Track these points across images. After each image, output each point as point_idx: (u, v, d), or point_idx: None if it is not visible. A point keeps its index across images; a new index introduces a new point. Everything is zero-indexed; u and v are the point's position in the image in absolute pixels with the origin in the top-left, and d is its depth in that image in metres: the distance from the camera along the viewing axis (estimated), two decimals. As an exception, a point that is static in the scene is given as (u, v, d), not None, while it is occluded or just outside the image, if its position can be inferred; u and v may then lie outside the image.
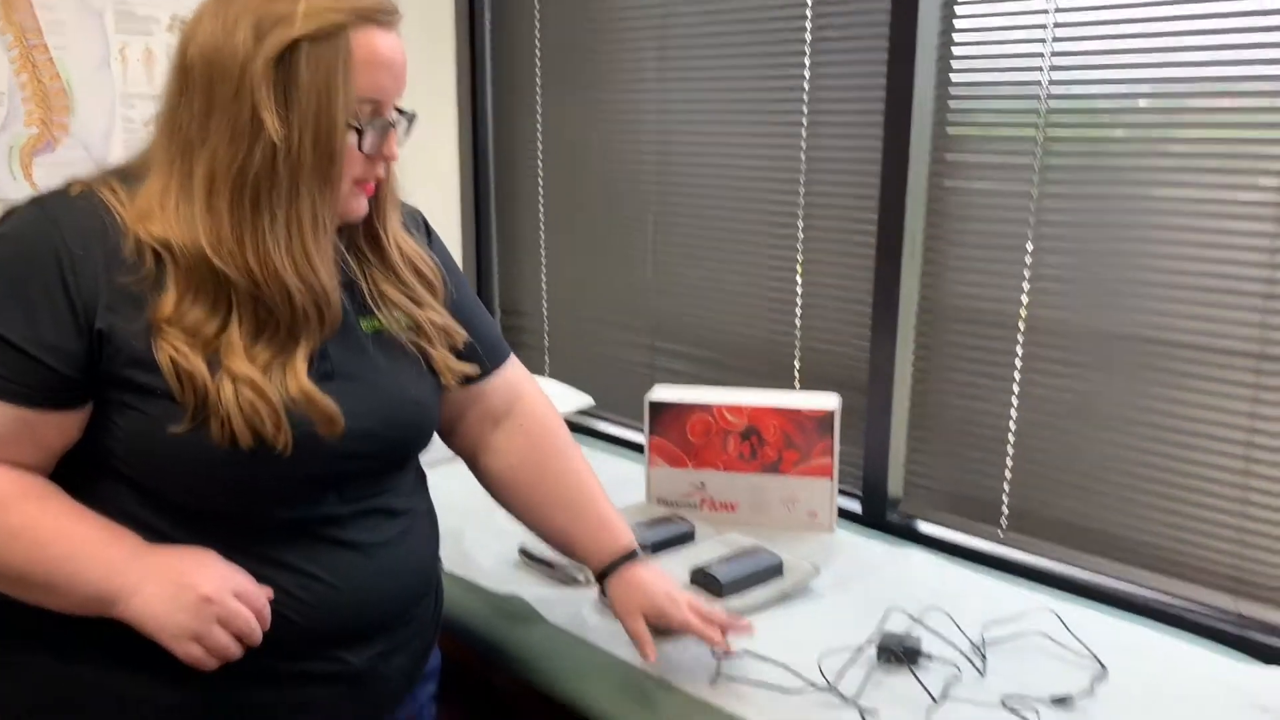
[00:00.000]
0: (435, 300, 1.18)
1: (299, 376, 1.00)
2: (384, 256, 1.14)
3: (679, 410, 1.76)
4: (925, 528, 1.81)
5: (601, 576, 1.30)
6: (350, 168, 1.02)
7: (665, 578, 1.30)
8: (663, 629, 1.27)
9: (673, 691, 1.29)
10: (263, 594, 0.99)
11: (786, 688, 1.26)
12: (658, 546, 1.60)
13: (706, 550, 1.58)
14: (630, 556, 1.29)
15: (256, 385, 0.97)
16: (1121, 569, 1.59)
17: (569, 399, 2.22)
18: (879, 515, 1.85)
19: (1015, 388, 1.68)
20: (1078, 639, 1.37)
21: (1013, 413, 1.69)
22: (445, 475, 1.63)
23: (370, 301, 1.11)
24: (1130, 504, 1.58)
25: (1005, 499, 1.72)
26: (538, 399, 1.35)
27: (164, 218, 0.98)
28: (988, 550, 1.72)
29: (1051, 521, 1.67)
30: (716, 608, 1.34)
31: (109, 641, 1.00)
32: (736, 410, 1.73)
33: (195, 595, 0.95)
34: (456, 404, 1.27)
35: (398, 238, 1.15)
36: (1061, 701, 1.23)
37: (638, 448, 2.23)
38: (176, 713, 1.03)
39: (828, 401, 1.72)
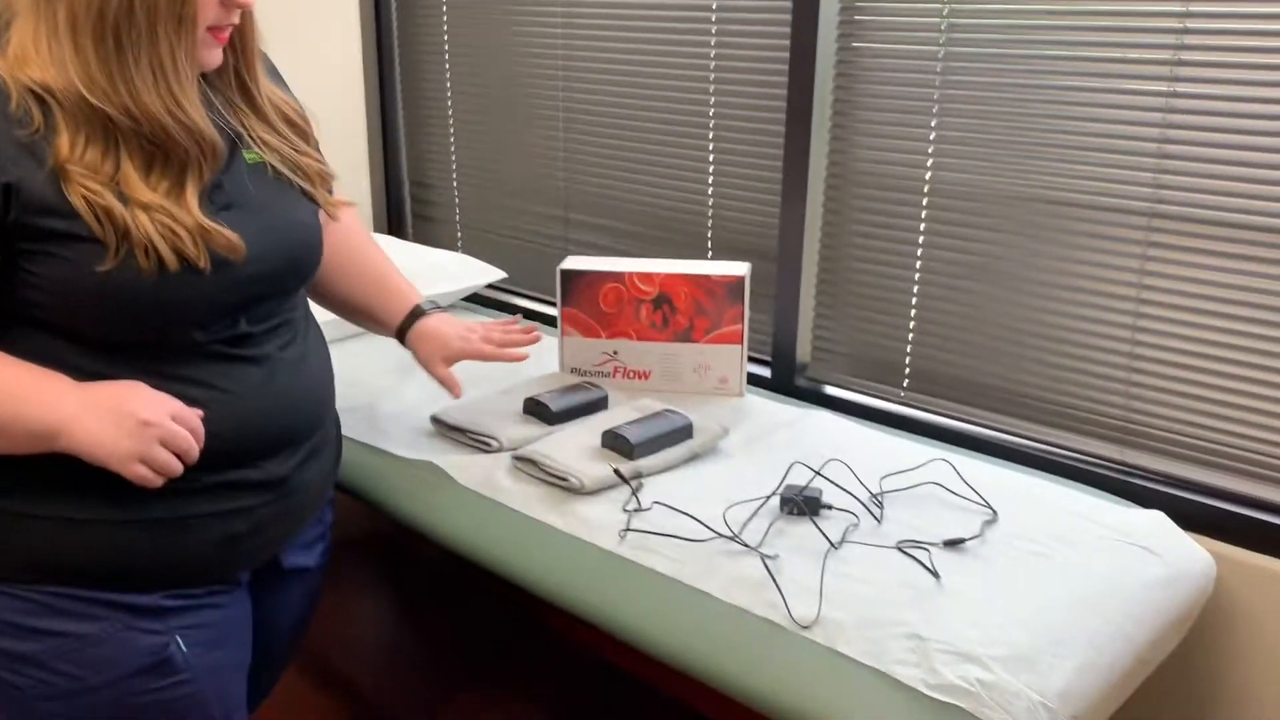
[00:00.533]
0: (309, 146, 1.25)
1: (192, 211, 1.05)
2: (256, 107, 1.18)
3: (591, 279, 1.76)
4: (831, 391, 1.86)
5: (402, 337, 1.49)
6: (204, 12, 1.03)
7: (455, 321, 1.51)
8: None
9: (583, 547, 1.32)
10: (195, 415, 1.06)
11: (693, 538, 1.31)
12: (571, 413, 1.62)
13: (619, 415, 1.60)
14: (418, 313, 1.48)
15: (167, 209, 1.02)
16: (1017, 423, 1.66)
17: (481, 273, 2.21)
18: (788, 380, 1.90)
19: (919, 251, 1.71)
20: (971, 488, 1.43)
21: (916, 276, 1.72)
22: (353, 352, 1.63)
23: (251, 142, 1.17)
24: (1026, 361, 1.63)
25: (907, 360, 1.77)
26: (350, 215, 1.48)
27: (39, 60, 1.00)
28: (889, 409, 1.77)
29: (951, 380, 1.72)
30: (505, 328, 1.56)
31: (49, 472, 1.06)
32: (648, 278, 1.74)
33: (135, 421, 1.01)
34: None
35: (267, 89, 1.20)
36: (954, 544, 1.30)
37: (552, 321, 2.23)
38: (126, 528, 1.09)
39: (738, 269, 1.73)
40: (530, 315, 2.29)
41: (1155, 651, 1.25)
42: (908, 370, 1.78)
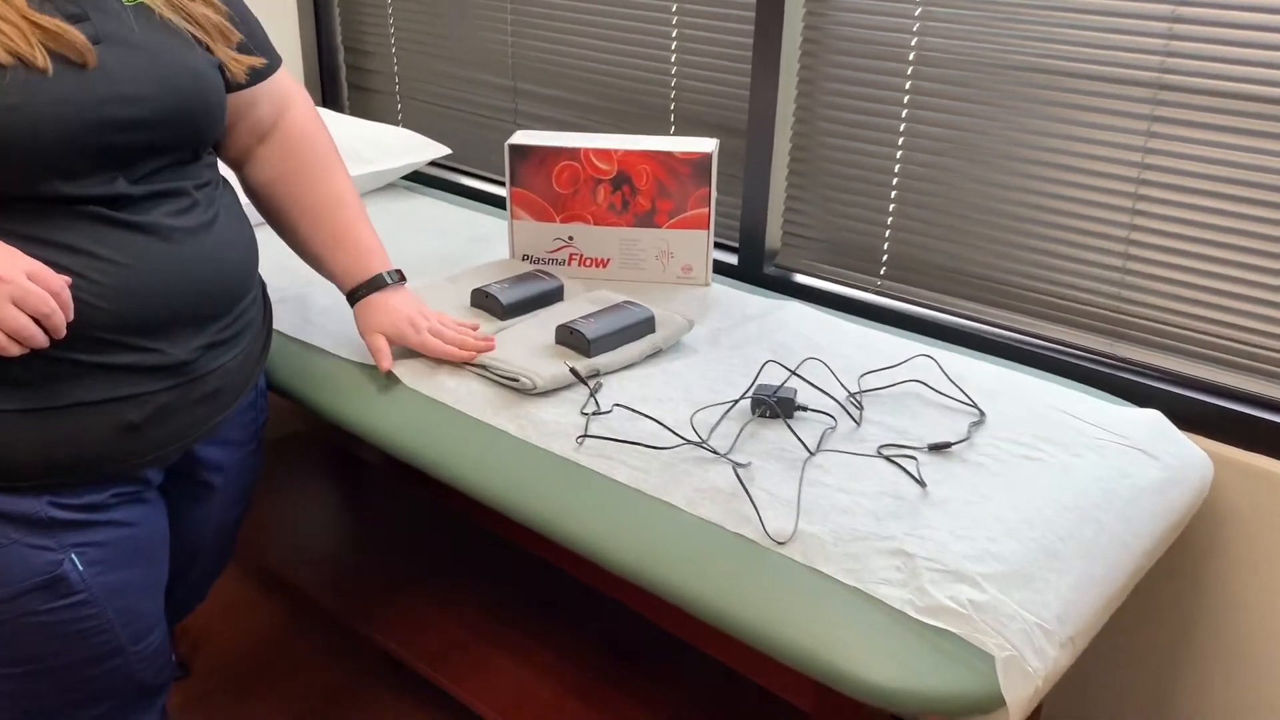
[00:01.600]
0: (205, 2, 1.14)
1: (16, 4, 0.96)
2: None
3: (543, 156, 1.60)
4: (803, 280, 1.73)
5: (351, 299, 1.35)
6: None
7: (412, 303, 1.35)
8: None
9: (537, 454, 1.21)
10: (60, 280, 0.95)
11: (656, 445, 1.19)
12: (523, 306, 1.48)
13: (574, 307, 1.47)
14: (377, 284, 1.33)
15: None
16: (1003, 315, 1.56)
17: (423, 149, 2.03)
18: (756, 268, 1.77)
19: (901, 126, 1.57)
20: (956, 385, 1.33)
21: (897, 154, 1.58)
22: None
23: None
24: (1015, 248, 1.52)
25: (885, 246, 1.65)
26: (306, 112, 1.33)
27: None
28: (866, 300, 1.66)
29: (932, 269, 1.61)
30: (486, 330, 1.41)
31: None
32: (605, 156, 1.59)
33: None
34: (229, 113, 1.23)
35: None
36: (939, 448, 1.20)
37: (500, 202, 2.07)
38: (8, 418, 1.00)
39: (704, 145, 1.58)
40: (478, 196, 2.13)
41: (1150, 559, 1.17)
42: (885, 258, 1.65)
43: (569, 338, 1.36)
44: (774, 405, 1.24)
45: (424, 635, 1.59)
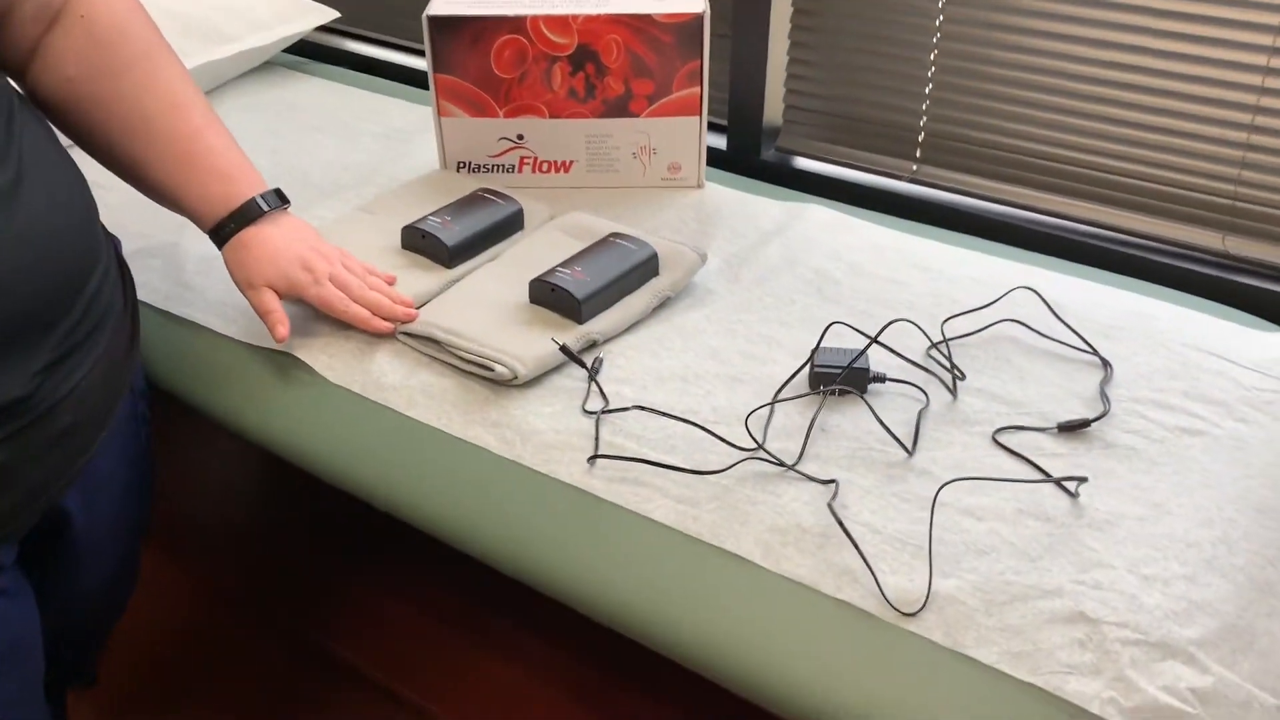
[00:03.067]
0: None
1: None
2: None
3: (476, 30, 1.19)
4: (812, 166, 1.38)
5: (217, 241, 0.96)
6: None
7: (301, 236, 0.98)
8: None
9: (533, 481, 0.87)
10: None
11: (703, 468, 0.86)
12: (474, 245, 1.10)
13: (544, 245, 1.10)
14: (248, 214, 0.95)
15: None
16: (1084, 207, 1.23)
17: (302, 13, 1.58)
18: (752, 153, 1.40)
19: (949, -35, 1.19)
20: (1064, 323, 1.02)
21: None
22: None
23: None
24: (1096, 121, 1.18)
25: (923, 122, 1.30)
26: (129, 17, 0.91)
27: None
28: (899, 191, 1.32)
29: (986, 151, 1.26)
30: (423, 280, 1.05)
31: None
32: (561, 24, 1.18)
33: None
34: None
35: None
36: (1072, 428, 0.89)
37: (419, 79, 1.64)
38: None
39: (690, 2, 1.19)
40: (386, 71, 1.69)
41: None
42: (922, 136, 1.30)
43: (549, 296, 1.00)
44: (845, 381, 0.92)
45: (385, 637, 1.27)
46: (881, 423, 0.88)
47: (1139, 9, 1.10)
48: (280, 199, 0.97)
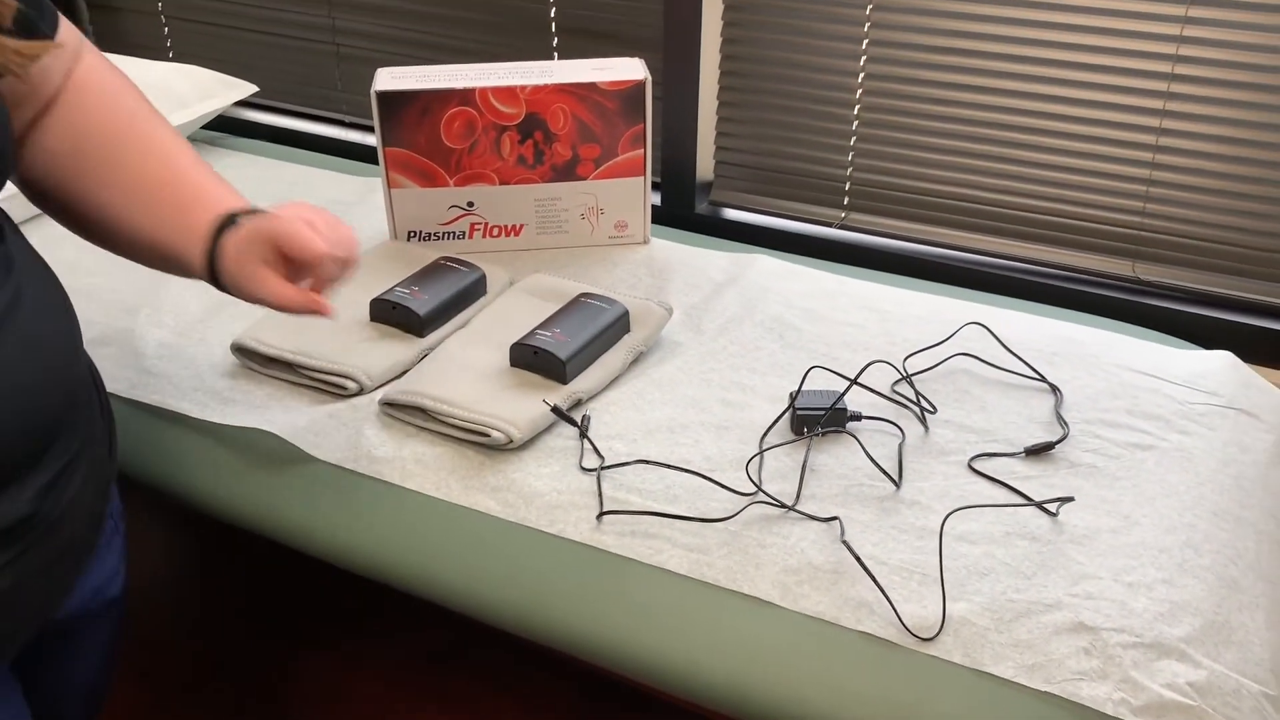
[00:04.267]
0: None
1: None
2: None
3: (426, 103, 1.21)
4: (744, 217, 1.44)
5: (213, 272, 0.83)
6: None
7: (296, 207, 0.85)
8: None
9: (543, 542, 0.89)
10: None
11: (710, 515, 0.90)
12: (444, 312, 1.12)
13: (513, 309, 1.12)
14: (231, 221, 0.82)
15: None
16: (1006, 244, 1.32)
17: (222, 90, 1.57)
18: (686, 208, 1.46)
19: (866, 25, 1.28)
20: (1012, 352, 1.09)
21: (862, 59, 1.30)
22: (83, 247, 1.05)
23: None
24: (1011, 163, 1.28)
25: (849, 171, 1.37)
26: (97, 61, 0.87)
27: None
28: (830, 238, 1.39)
29: (910, 197, 1.35)
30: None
31: None
32: (510, 95, 1.21)
33: None
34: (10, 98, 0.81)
35: None
36: (1039, 451, 0.96)
37: (347, 149, 1.64)
38: None
39: (632, 70, 1.24)
40: (309, 143, 1.68)
41: None
42: (848, 185, 1.38)
43: (532, 359, 1.03)
44: (827, 420, 0.97)
45: (352, 715, 1.26)
46: (872, 459, 0.94)
47: (1045, 61, 1.21)
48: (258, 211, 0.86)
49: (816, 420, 0.97)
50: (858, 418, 0.99)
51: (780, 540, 0.87)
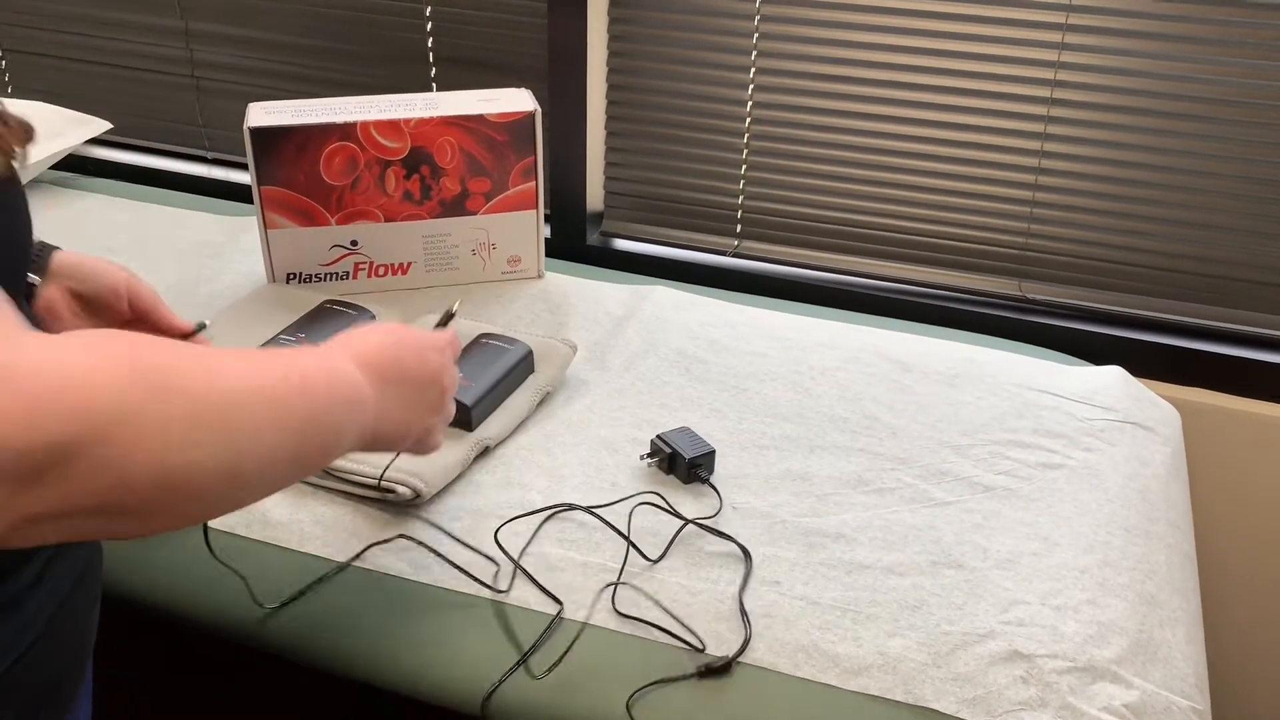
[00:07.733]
0: None
1: None
2: None
3: (303, 139, 1.14)
4: (636, 248, 1.42)
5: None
6: None
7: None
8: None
9: (465, 600, 0.84)
10: None
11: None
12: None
13: (405, 349, 1.06)
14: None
15: None
16: (901, 268, 1.34)
17: (72, 127, 1.46)
18: (577, 239, 1.43)
19: (754, 39, 1.27)
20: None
21: (749, 89, 1.29)
22: None
23: None
24: (901, 196, 1.29)
25: (740, 200, 1.36)
26: None
27: None
28: (725, 266, 1.38)
29: (802, 225, 1.35)
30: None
31: None
32: (393, 129, 1.16)
33: None
34: None
35: None
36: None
37: (211, 187, 1.55)
38: None
39: (520, 101, 1.20)
40: (167, 182, 1.58)
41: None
42: (740, 214, 1.37)
43: (435, 407, 0.97)
44: (687, 470, 0.95)
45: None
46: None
47: (928, 87, 1.22)
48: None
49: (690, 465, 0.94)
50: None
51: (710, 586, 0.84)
